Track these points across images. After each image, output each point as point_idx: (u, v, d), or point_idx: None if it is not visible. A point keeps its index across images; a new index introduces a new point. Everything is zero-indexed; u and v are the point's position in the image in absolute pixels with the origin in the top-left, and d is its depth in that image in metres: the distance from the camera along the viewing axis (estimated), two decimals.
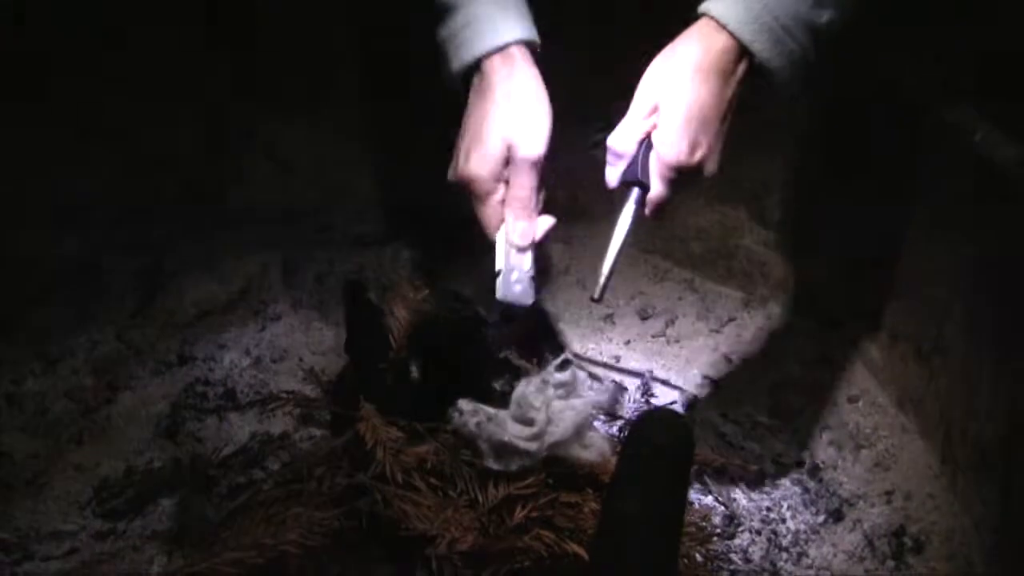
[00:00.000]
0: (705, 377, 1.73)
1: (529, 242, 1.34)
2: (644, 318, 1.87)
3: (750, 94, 1.22)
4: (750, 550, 1.40)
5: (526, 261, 1.35)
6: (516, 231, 1.33)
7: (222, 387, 1.66)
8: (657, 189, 1.22)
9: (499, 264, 1.35)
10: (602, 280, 1.25)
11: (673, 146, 1.19)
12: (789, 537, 1.42)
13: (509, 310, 1.37)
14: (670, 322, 1.86)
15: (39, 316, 1.74)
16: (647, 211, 1.25)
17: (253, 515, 1.27)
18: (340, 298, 1.44)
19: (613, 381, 1.68)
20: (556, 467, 1.30)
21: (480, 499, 1.27)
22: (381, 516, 1.25)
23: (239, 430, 1.57)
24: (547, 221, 1.37)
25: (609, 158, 1.26)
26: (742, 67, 1.19)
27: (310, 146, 2.05)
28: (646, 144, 1.22)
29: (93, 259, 1.83)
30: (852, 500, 1.48)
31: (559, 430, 1.30)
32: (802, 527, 1.44)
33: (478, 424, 1.28)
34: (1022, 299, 1.29)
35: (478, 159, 1.30)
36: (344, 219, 2.06)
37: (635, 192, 1.24)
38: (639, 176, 1.22)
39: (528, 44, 1.33)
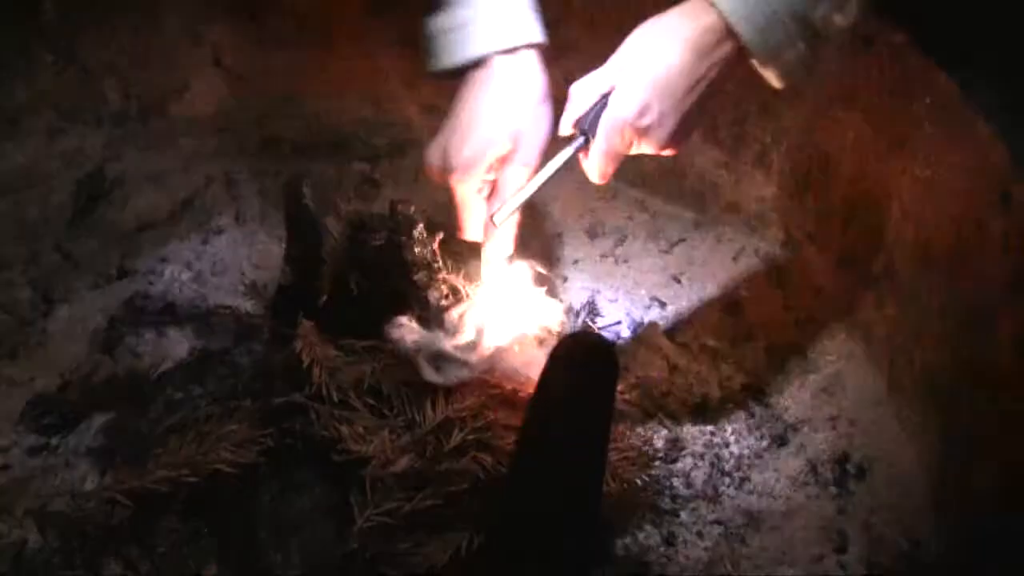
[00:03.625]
0: (653, 298, 1.71)
1: (511, 253, 1.36)
2: (593, 237, 1.84)
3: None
4: (692, 475, 1.40)
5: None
6: (499, 242, 1.34)
7: (162, 301, 1.63)
8: (598, 143, 1.21)
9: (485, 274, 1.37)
10: (508, 203, 1.27)
11: (622, 102, 1.18)
12: (732, 462, 1.42)
13: None
14: (619, 241, 1.83)
15: None
16: (583, 160, 1.25)
17: (188, 432, 1.25)
18: (282, 205, 1.40)
19: (559, 299, 1.66)
20: (494, 388, 1.29)
21: (417, 420, 1.25)
22: (316, 436, 1.24)
23: (178, 345, 1.54)
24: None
25: (568, 105, 1.25)
26: (724, 49, 1.15)
27: (258, 54, 2.00)
28: (606, 99, 1.21)
29: (33, 167, 1.78)
30: (797, 425, 1.48)
31: (497, 342, 1.30)
32: (745, 452, 1.44)
33: (415, 341, 1.26)
34: (970, 226, 1.28)
35: (476, 148, 1.28)
36: (292, 130, 2.02)
37: (579, 139, 1.23)
38: (586, 126, 1.22)
39: (538, 48, 1.31)
